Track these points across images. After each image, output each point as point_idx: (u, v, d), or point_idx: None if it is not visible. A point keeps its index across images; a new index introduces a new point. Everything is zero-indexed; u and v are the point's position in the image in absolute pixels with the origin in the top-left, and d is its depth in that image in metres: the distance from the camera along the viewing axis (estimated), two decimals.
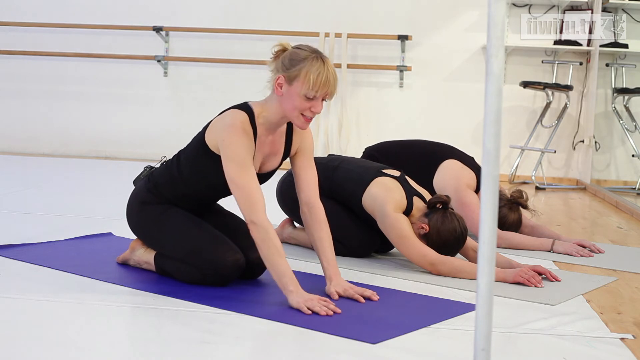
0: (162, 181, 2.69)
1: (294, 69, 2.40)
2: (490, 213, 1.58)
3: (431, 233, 2.94)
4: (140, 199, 2.73)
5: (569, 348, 2.08)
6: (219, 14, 7.29)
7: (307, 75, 2.38)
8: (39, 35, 7.43)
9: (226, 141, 2.44)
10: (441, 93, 7.15)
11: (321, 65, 2.39)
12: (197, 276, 2.55)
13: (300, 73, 2.39)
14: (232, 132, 2.43)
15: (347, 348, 1.99)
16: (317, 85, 2.38)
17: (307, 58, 2.40)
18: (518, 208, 3.72)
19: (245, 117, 2.47)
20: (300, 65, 2.40)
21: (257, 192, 2.40)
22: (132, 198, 2.78)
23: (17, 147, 7.49)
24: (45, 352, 1.88)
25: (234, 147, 2.42)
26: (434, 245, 2.94)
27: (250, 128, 2.46)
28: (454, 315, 2.32)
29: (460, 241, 2.96)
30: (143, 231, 2.73)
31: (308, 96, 2.40)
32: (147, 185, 2.74)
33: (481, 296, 1.61)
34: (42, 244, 3.12)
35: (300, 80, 2.39)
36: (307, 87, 2.38)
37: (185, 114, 7.34)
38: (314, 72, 2.38)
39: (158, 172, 2.75)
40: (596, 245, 3.57)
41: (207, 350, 1.95)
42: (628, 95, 6.72)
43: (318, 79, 2.38)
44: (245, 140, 2.43)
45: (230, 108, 2.54)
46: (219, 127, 2.50)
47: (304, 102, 2.41)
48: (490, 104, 1.56)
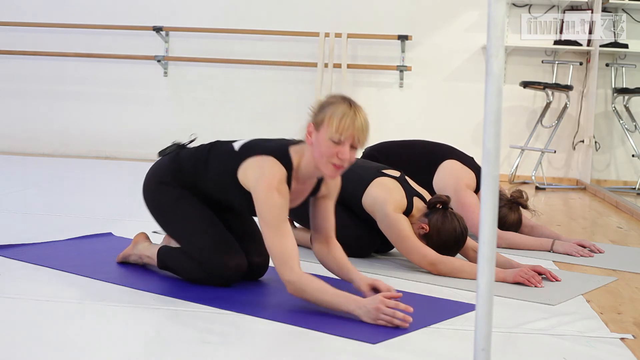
0: (187, 167, 2.64)
1: (321, 114, 2.33)
2: (490, 213, 1.58)
3: (431, 233, 2.95)
4: (160, 178, 2.68)
5: (569, 348, 2.08)
6: (219, 14, 7.29)
7: (331, 118, 2.29)
8: (39, 35, 7.43)
9: (260, 199, 2.35)
10: (441, 93, 7.15)
11: (347, 108, 2.30)
12: (200, 274, 2.54)
13: (325, 116, 2.31)
14: (268, 193, 2.34)
15: (347, 348, 1.99)
16: (342, 127, 2.28)
17: (334, 102, 2.33)
18: (518, 208, 3.72)
19: (284, 174, 2.38)
20: (326, 109, 2.32)
21: (291, 250, 2.31)
22: (153, 173, 2.73)
23: (17, 147, 7.49)
24: (45, 352, 1.88)
25: (269, 208, 2.33)
26: (434, 245, 2.94)
27: (286, 187, 2.38)
28: (454, 315, 2.32)
29: (460, 241, 2.96)
30: (155, 210, 2.71)
31: (334, 140, 2.29)
32: (171, 166, 2.68)
33: (481, 296, 1.61)
34: (42, 244, 3.12)
35: (325, 124, 2.30)
36: (332, 130, 2.28)
37: (185, 114, 7.34)
38: (339, 114, 2.29)
39: (186, 156, 2.67)
40: (596, 245, 3.57)
41: (207, 350, 1.95)
42: (628, 95, 6.72)
43: (342, 120, 2.28)
44: (281, 201, 2.34)
45: (271, 148, 2.44)
46: (254, 176, 2.41)
47: (331, 147, 2.30)
48: (490, 104, 1.56)
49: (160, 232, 3.52)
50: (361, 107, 2.35)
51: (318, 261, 2.60)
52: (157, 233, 3.51)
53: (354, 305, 2.20)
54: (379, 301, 2.17)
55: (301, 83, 7.25)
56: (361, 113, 2.32)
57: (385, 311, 2.15)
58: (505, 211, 3.67)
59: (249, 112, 7.29)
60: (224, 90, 7.32)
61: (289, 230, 2.34)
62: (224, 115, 7.31)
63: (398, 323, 2.15)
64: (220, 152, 2.59)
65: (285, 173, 2.39)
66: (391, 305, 2.17)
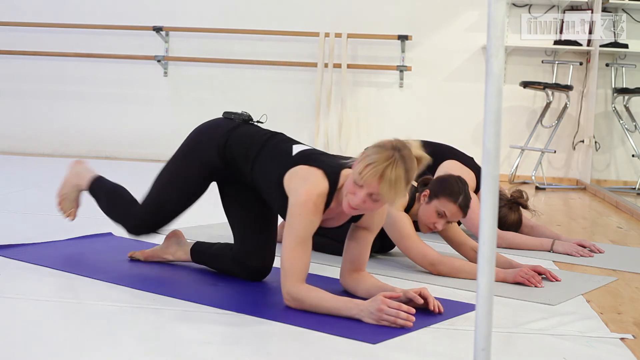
0: (236, 150, 2.60)
1: (366, 151, 2.25)
2: (490, 213, 1.58)
3: (434, 189, 2.94)
4: (205, 158, 2.66)
5: (569, 348, 2.08)
6: (219, 14, 7.29)
7: (364, 159, 2.21)
8: (39, 35, 7.43)
9: (295, 207, 2.29)
10: (441, 93, 7.15)
11: (385, 158, 2.18)
12: (231, 266, 2.67)
13: (364, 154, 2.23)
14: (305, 204, 2.28)
15: (347, 348, 1.99)
16: (365, 174, 2.19)
17: (382, 145, 2.23)
18: (518, 208, 3.72)
19: (326, 190, 2.32)
20: (371, 148, 2.24)
21: (303, 266, 2.28)
22: (202, 139, 2.70)
23: (17, 147, 7.49)
24: (45, 352, 1.88)
25: (300, 219, 2.28)
26: (443, 198, 2.90)
27: (323, 204, 2.32)
28: (454, 315, 2.32)
29: (461, 180, 2.96)
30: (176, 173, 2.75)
31: (356, 182, 2.23)
32: (219, 144, 2.63)
33: (481, 296, 1.61)
34: (42, 244, 3.12)
35: (358, 161, 2.24)
36: (357, 170, 2.22)
37: (185, 114, 7.34)
38: (371, 159, 2.19)
39: (239, 138, 2.62)
40: (596, 245, 3.57)
41: (207, 350, 1.95)
42: (628, 95, 6.72)
43: (369, 167, 2.19)
44: (313, 218, 2.29)
45: (324, 163, 2.39)
46: (297, 183, 2.35)
47: (352, 186, 2.25)
48: (490, 104, 1.56)
49: (160, 232, 3.52)
50: (403, 162, 2.19)
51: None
52: (157, 233, 3.51)
53: (356, 309, 2.19)
54: (380, 302, 2.16)
55: (301, 83, 7.25)
56: (398, 169, 2.18)
57: (388, 311, 2.15)
58: (505, 211, 3.67)
59: (248, 112, 7.28)
60: (224, 90, 7.32)
61: (309, 247, 2.30)
62: None
63: (402, 323, 2.14)
64: (277, 149, 2.53)
65: (327, 189, 2.33)
66: (393, 306, 2.16)
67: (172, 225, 2.83)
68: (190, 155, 2.71)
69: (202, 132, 2.74)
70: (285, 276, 2.28)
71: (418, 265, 2.97)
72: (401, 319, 2.15)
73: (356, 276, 2.49)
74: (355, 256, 2.49)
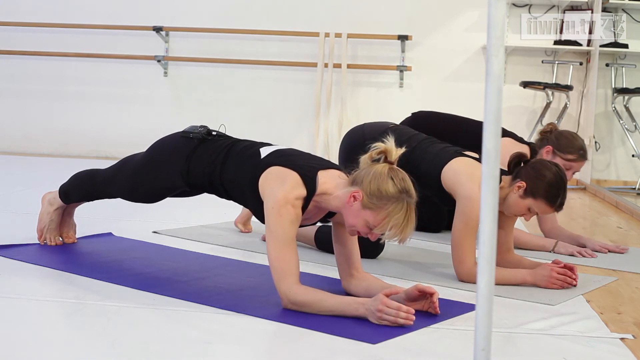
0: (199, 170, 2.58)
1: (379, 202, 2.24)
2: (490, 213, 1.58)
3: (532, 184, 2.77)
4: (171, 180, 2.65)
5: (569, 348, 2.08)
6: (219, 14, 7.29)
7: (387, 219, 2.23)
8: (39, 35, 7.43)
9: (273, 211, 2.29)
10: (441, 93, 7.14)
11: (403, 215, 2.23)
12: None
13: (382, 211, 2.23)
14: (282, 207, 2.28)
15: (347, 348, 1.99)
16: (383, 228, 2.24)
17: (395, 200, 2.23)
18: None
19: (303, 195, 2.33)
20: (386, 204, 2.23)
21: (293, 265, 2.27)
22: (167, 149, 2.70)
23: (17, 147, 7.49)
24: (45, 352, 1.88)
25: (280, 225, 2.27)
26: (541, 201, 2.77)
27: (300, 207, 2.32)
28: (454, 315, 2.32)
29: (562, 178, 2.78)
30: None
31: (370, 227, 2.27)
32: (182, 171, 2.61)
33: (481, 296, 1.61)
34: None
35: (376, 215, 2.25)
36: (377, 222, 2.25)
37: (185, 114, 7.34)
38: (394, 221, 2.23)
39: (198, 162, 2.58)
40: (620, 246, 3.60)
41: (207, 350, 1.95)
42: (628, 95, 6.72)
43: (393, 227, 2.24)
44: (293, 217, 2.29)
45: (299, 166, 2.38)
46: (272, 187, 2.34)
47: (364, 228, 2.28)
48: (490, 104, 1.56)
49: (160, 232, 3.52)
50: (413, 211, 2.26)
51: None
52: (157, 233, 3.51)
53: (362, 309, 2.19)
54: (379, 302, 2.16)
55: (301, 83, 7.25)
56: (410, 224, 2.25)
57: (388, 312, 2.15)
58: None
59: (249, 112, 7.29)
60: (224, 90, 7.32)
61: (294, 246, 2.29)
62: (224, 115, 7.30)
63: (402, 322, 2.14)
64: (243, 155, 2.52)
65: (305, 195, 2.33)
66: (393, 306, 2.16)
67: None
68: (157, 170, 2.70)
69: (162, 155, 2.69)
70: (279, 280, 2.27)
71: (418, 266, 2.96)
72: (401, 318, 2.15)
73: (355, 278, 2.49)
74: (347, 256, 2.49)
